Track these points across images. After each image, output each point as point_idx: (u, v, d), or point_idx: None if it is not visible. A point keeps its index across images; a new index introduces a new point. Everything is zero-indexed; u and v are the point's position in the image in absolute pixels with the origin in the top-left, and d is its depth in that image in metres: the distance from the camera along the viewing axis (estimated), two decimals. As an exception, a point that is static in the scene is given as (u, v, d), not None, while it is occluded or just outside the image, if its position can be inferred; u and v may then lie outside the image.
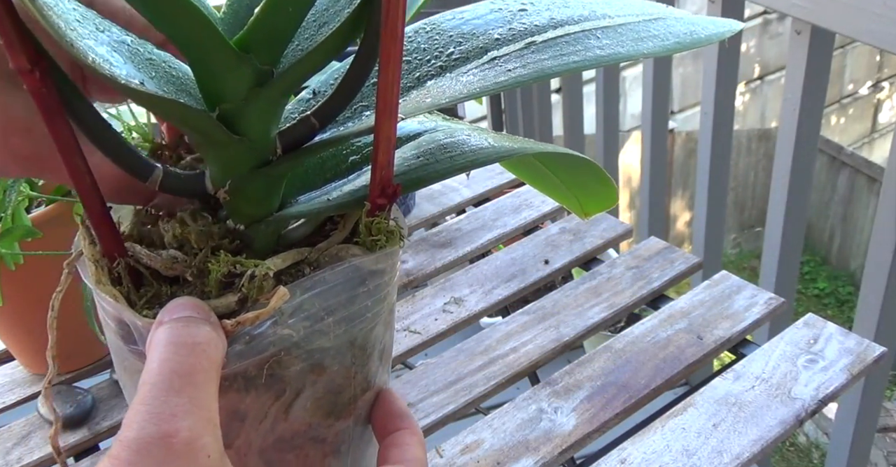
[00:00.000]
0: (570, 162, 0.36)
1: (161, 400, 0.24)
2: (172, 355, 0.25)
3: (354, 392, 0.31)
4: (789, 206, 1.14)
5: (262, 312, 0.26)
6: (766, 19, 4.70)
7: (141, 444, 0.23)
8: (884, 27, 0.89)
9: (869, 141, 5.46)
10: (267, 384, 0.28)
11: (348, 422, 0.31)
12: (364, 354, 0.30)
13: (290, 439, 0.29)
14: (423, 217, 0.87)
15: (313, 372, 0.29)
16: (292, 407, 0.29)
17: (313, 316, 0.28)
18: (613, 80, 1.60)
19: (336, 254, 0.30)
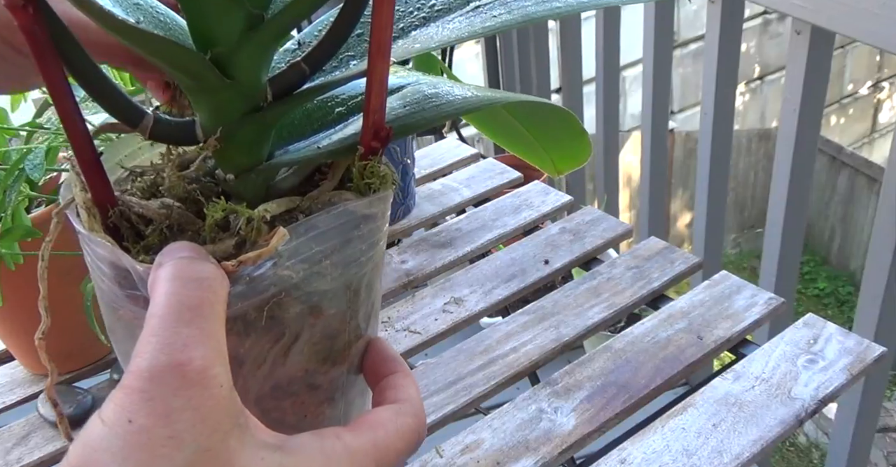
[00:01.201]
0: (545, 114, 0.36)
1: (172, 331, 0.24)
2: (180, 288, 0.25)
3: (349, 337, 0.31)
4: (789, 206, 1.14)
5: (263, 251, 0.26)
6: (766, 19, 4.70)
7: (154, 373, 0.23)
8: (884, 27, 0.89)
9: (869, 141, 5.45)
10: (266, 327, 0.28)
11: (342, 369, 0.31)
12: (358, 299, 0.31)
13: (286, 386, 0.30)
14: (423, 217, 0.87)
15: (312, 314, 0.29)
16: (290, 352, 0.29)
17: (311, 258, 0.28)
18: (613, 80, 1.60)
19: (328, 200, 0.30)
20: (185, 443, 0.23)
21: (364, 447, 0.27)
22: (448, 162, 0.97)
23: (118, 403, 0.23)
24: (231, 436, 0.24)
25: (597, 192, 1.75)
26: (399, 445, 0.28)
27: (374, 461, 0.27)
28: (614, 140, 1.68)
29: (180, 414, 0.23)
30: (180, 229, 0.29)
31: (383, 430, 0.28)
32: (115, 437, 0.22)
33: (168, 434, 0.22)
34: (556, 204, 0.87)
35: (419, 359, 0.77)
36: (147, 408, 0.23)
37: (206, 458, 0.23)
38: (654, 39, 1.36)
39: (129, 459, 0.22)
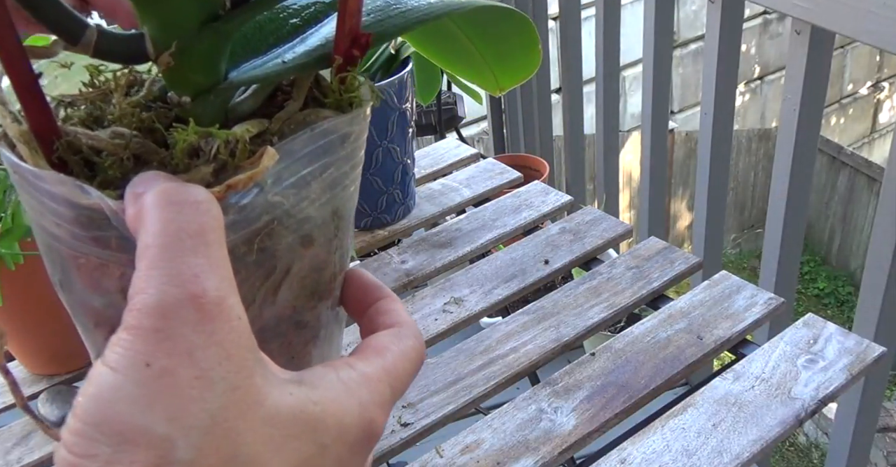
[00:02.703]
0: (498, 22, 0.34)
1: (178, 261, 0.21)
2: (176, 214, 0.22)
3: (334, 269, 0.29)
4: (789, 206, 1.14)
5: (255, 172, 0.24)
6: (766, 19, 4.70)
7: (166, 309, 0.21)
8: (884, 27, 0.89)
9: (869, 141, 5.45)
10: (257, 261, 0.26)
11: (327, 304, 0.30)
12: (344, 225, 0.29)
13: (274, 326, 0.28)
14: (423, 217, 0.87)
15: (302, 244, 0.27)
16: (281, 288, 0.27)
17: (299, 182, 0.26)
18: (613, 79, 1.60)
19: (303, 120, 0.27)
20: (215, 382, 0.21)
21: (377, 372, 0.26)
22: (448, 162, 0.97)
23: (128, 347, 0.21)
24: (256, 373, 0.22)
25: (597, 192, 1.75)
26: (407, 367, 0.27)
27: (389, 385, 0.26)
28: (614, 140, 1.68)
29: (204, 351, 0.21)
30: (142, 161, 0.25)
31: (390, 355, 0.27)
32: (134, 384, 0.20)
33: (195, 374, 0.20)
34: (556, 204, 0.87)
35: (419, 359, 0.77)
36: (165, 348, 0.20)
37: (238, 397, 0.21)
38: (654, 39, 1.36)
39: (154, 406, 0.20)
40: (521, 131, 1.97)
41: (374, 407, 0.25)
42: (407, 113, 0.79)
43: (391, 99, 0.76)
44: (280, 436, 0.22)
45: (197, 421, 0.20)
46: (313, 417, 0.23)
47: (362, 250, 0.83)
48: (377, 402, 0.25)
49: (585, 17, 1.69)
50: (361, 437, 0.24)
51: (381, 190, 0.82)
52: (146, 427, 0.20)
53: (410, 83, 0.79)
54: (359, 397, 0.25)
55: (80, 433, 0.20)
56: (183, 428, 0.20)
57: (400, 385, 0.27)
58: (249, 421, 0.21)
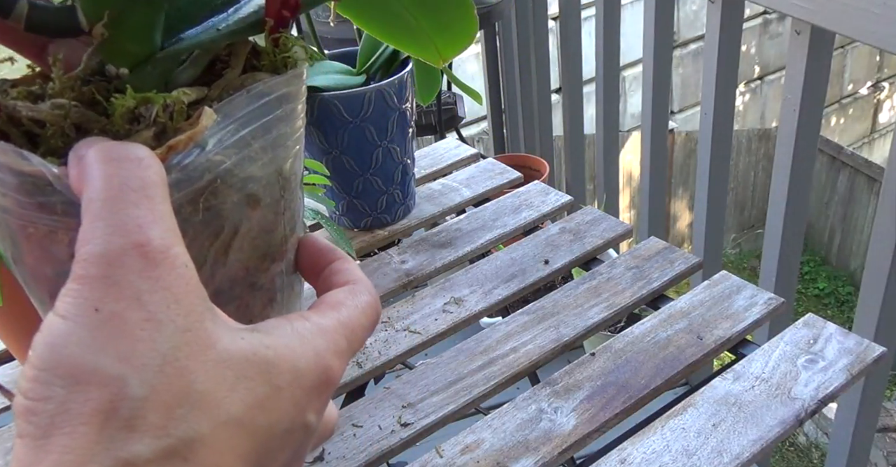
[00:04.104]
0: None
1: (122, 213, 0.22)
2: (117, 169, 0.22)
3: (284, 231, 0.30)
4: (789, 206, 1.14)
5: (195, 132, 0.24)
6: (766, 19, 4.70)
7: (111, 257, 0.21)
8: (884, 27, 0.89)
9: (869, 141, 5.46)
10: (204, 221, 0.26)
11: (281, 266, 0.30)
12: (290, 186, 0.30)
13: (228, 289, 0.28)
14: (423, 217, 0.87)
15: (249, 204, 0.27)
16: (231, 248, 0.27)
17: (239, 142, 0.26)
18: (613, 79, 1.60)
19: (241, 84, 0.28)
20: (164, 324, 0.21)
21: (332, 324, 0.26)
22: (448, 162, 0.97)
23: (75, 295, 0.21)
24: (206, 318, 0.22)
25: (597, 192, 1.75)
26: (363, 321, 0.28)
27: (345, 337, 0.26)
28: (614, 140, 1.68)
29: (151, 295, 0.21)
30: (84, 130, 0.26)
31: (346, 309, 0.27)
32: (84, 329, 0.21)
33: (143, 317, 0.21)
34: (556, 204, 0.87)
35: (419, 359, 0.77)
36: (113, 293, 0.21)
37: (188, 340, 0.22)
38: (654, 39, 1.36)
39: (105, 348, 0.20)
40: (521, 131, 1.97)
41: (329, 355, 0.25)
42: (407, 113, 0.79)
43: (391, 99, 0.76)
44: (233, 377, 0.22)
45: (148, 360, 0.21)
46: (266, 360, 0.23)
47: (362, 250, 0.83)
48: (332, 351, 0.25)
49: (585, 17, 1.69)
50: (317, 383, 0.25)
51: (381, 190, 0.82)
52: (98, 367, 0.20)
53: (410, 83, 0.79)
54: (314, 345, 0.25)
55: (34, 378, 0.21)
56: (134, 367, 0.20)
57: (356, 338, 0.27)
58: (201, 361, 0.22)
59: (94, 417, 0.20)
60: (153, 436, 0.20)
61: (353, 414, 0.63)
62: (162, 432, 0.20)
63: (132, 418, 0.20)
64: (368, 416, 0.62)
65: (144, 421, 0.20)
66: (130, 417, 0.20)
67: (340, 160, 0.78)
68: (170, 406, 0.21)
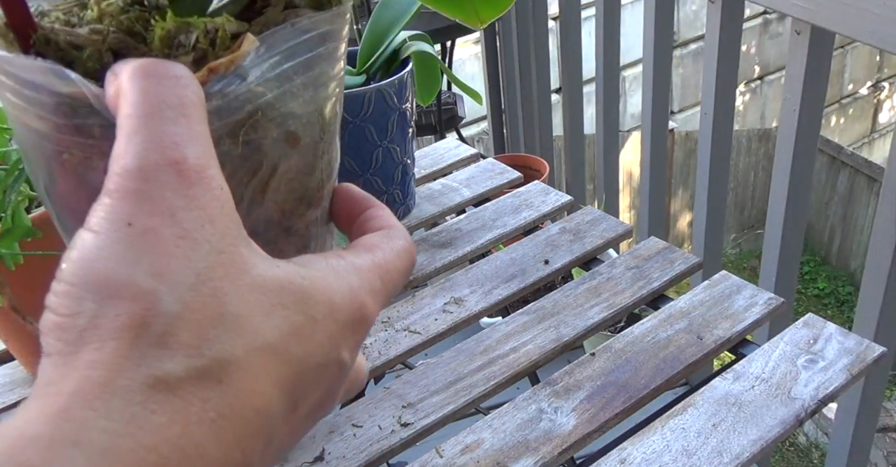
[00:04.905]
0: None
1: (158, 129, 0.21)
2: (156, 86, 0.22)
3: (321, 175, 0.29)
4: (789, 206, 1.14)
5: (236, 55, 0.24)
6: (766, 19, 4.70)
7: (147, 172, 0.20)
8: (884, 27, 0.89)
9: (869, 141, 5.46)
10: (243, 155, 0.26)
11: (316, 213, 0.30)
12: (329, 129, 0.29)
13: (263, 231, 0.28)
14: (423, 217, 0.87)
15: (288, 142, 0.27)
16: (268, 187, 0.27)
17: (281, 75, 0.26)
18: (613, 79, 1.60)
19: (283, 19, 0.27)
20: (199, 243, 0.21)
21: (367, 264, 0.26)
22: (448, 162, 0.97)
23: (108, 209, 0.20)
24: (240, 242, 0.22)
25: (597, 192, 1.75)
26: (398, 265, 0.27)
27: (380, 278, 0.26)
28: (614, 140, 1.68)
29: (185, 213, 0.21)
30: (121, 56, 0.25)
31: (380, 251, 0.27)
32: (116, 242, 0.20)
33: (178, 233, 0.20)
34: (556, 204, 0.87)
35: (419, 359, 0.77)
36: (147, 208, 0.20)
37: (223, 261, 0.21)
38: (654, 39, 1.36)
39: (139, 262, 0.20)
40: (521, 131, 1.97)
41: (364, 293, 0.25)
42: (407, 113, 0.79)
43: (391, 99, 0.76)
44: (269, 303, 0.22)
45: (182, 278, 0.20)
46: (302, 289, 0.23)
47: (362, 250, 0.83)
48: (367, 289, 0.25)
49: (585, 17, 1.69)
50: (352, 319, 0.24)
51: (381, 190, 0.82)
52: (130, 281, 0.20)
53: (410, 83, 0.79)
54: (348, 281, 0.24)
55: (64, 293, 0.20)
56: (168, 283, 0.20)
57: (391, 281, 0.26)
58: (236, 285, 0.21)
59: (126, 332, 0.19)
60: (186, 355, 0.20)
61: (353, 414, 0.63)
62: (195, 352, 0.20)
63: (164, 335, 0.20)
64: (368, 416, 0.62)
65: (177, 340, 0.20)
66: (163, 334, 0.20)
67: (340, 160, 0.78)
68: (203, 326, 0.20)
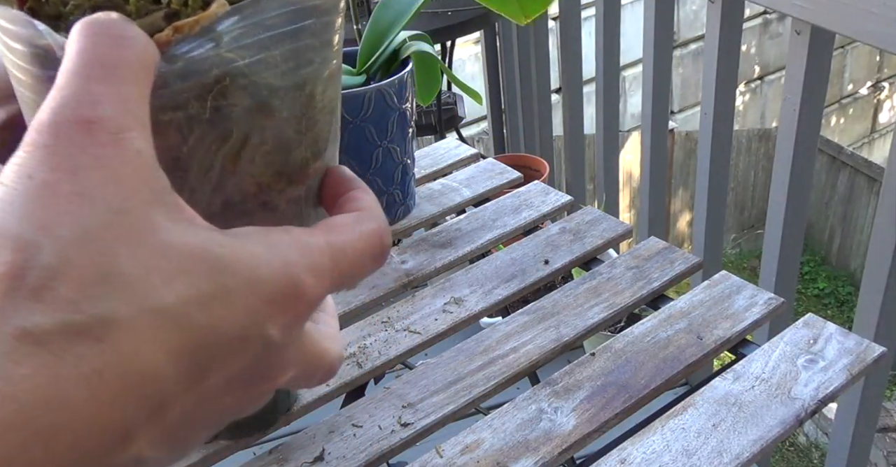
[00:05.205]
0: None
1: (81, 86, 0.21)
2: (92, 45, 0.22)
3: (306, 154, 0.29)
4: (789, 206, 1.14)
5: (202, 16, 0.24)
6: (766, 19, 4.70)
7: (57, 128, 0.21)
8: (884, 27, 0.89)
9: (869, 141, 5.46)
10: (211, 121, 0.25)
11: (299, 191, 0.29)
12: (314, 106, 0.28)
13: (239, 203, 0.27)
14: (423, 217, 0.87)
15: (261, 112, 0.26)
16: (240, 157, 0.27)
17: (258, 44, 0.26)
18: (613, 79, 1.60)
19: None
20: (96, 201, 0.20)
21: (317, 243, 0.24)
22: (448, 162, 0.97)
23: (18, 162, 0.21)
24: (152, 206, 0.21)
25: (597, 192, 1.76)
26: (359, 245, 0.26)
27: (330, 258, 0.24)
28: (614, 140, 1.68)
29: (88, 171, 0.21)
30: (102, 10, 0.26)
31: (341, 232, 0.26)
32: (15, 194, 0.20)
33: (75, 190, 0.20)
34: (556, 204, 0.87)
35: (419, 359, 0.77)
36: (50, 163, 0.20)
37: (121, 221, 0.21)
38: (654, 39, 1.36)
39: (30, 216, 0.20)
40: (521, 131, 1.97)
41: (303, 271, 0.23)
42: (407, 113, 0.79)
43: (391, 99, 0.76)
44: (172, 268, 0.21)
45: (67, 232, 0.20)
46: (214, 257, 0.22)
47: (362, 250, 0.83)
48: (308, 266, 0.24)
49: (585, 17, 1.69)
50: (281, 295, 0.23)
51: (381, 190, 0.82)
52: (17, 232, 0.20)
53: (410, 83, 0.79)
54: (285, 256, 0.23)
55: None
56: (52, 237, 0.20)
57: (347, 264, 0.25)
58: (133, 246, 0.21)
59: (1, 282, 0.19)
60: (61, 310, 0.19)
61: (353, 414, 0.63)
62: (72, 307, 0.19)
63: (40, 288, 0.19)
64: (368, 416, 0.62)
65: (54, 294, 0.19)
66: (38, 287, 0.19)
67: (340, 160, 0.78)
68: (85, 282, 0.20)
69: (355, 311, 0.74)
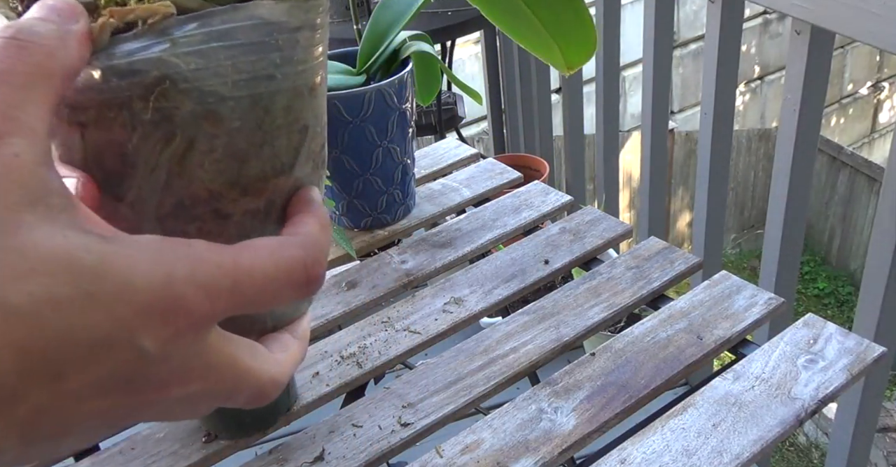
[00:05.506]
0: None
1: None
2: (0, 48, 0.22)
3: (264, 168, 0.28)
4: (789, 206, 1.14)
5: (134, 8, 0.24)
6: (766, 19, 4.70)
7: None
8: (884, 27, 0.89)
9: (869, 141, 5.46)
10: (154, 121, 0.26)
11: (258, 204, 0.29)
12: (273, 123, 0.28)
13: (190, 206, 0.27)
14: (423, 217, 0.87)
15: (207, 120, 0.26)
16: (186, 160, 0.27)
17: (210, 52, 0.26)
18: (613, 79, 1.60)
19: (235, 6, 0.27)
20: None
21: (220, 260, 0.23)
22: (448, 162, 0.97)
23: None
24: (25, 208, 0.21)
25: (597, 192, 1.76)
26: (270, 271, 0.24)
27: (231, 278, 0.23)
28: (614, 140, 1.68)
29: None
30: None
31: (255, 253, 0.24)
32: None
33: None
34: (556, 204, 0.87)
35: (419, 359, 0.77)
36: None
37: None
38: (654, 39, 1.36)
39: None
40: (521, 131, 1.97)
41: (187, 284, 0.22)
42: (407, 113, 0.79)
43: (391, 99, 0.76)
44: (26, 268, 0.21)
45: None
46: (79, 262, 0.21)
47: (362, 250, 0.83)
48: (200, 284, 0.23)
49: (585, 17, 1.69)
50: (156, 307, 0.22)
51: (381, 190, 0.82)
52: None
53: (410, 83, 0.79)
54: (170, 267, 0.22)
55: None
56: None
57: (252, 288, 0.24)
58: None
59: None
60: None
61: (353, 414, 0.63)
62: None
63: None
64: (368, 416, 0.62)
65: None
66: None
67: (340, 160, 0.78)
68: None
69: (355, 311, 0.74)
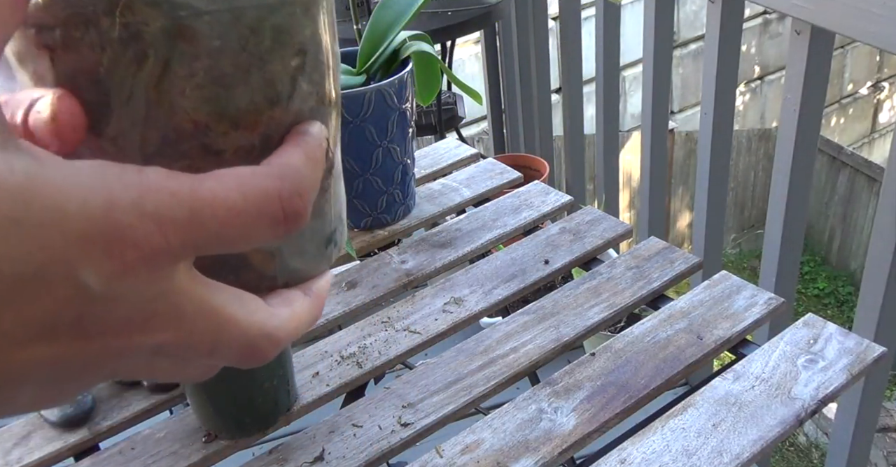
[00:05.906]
0: None
1: None
2: None
3: (254, 97, 0.26)
4: (789, 206, 1.14)
5: None
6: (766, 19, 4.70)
7: None
8: (884, 27, 0.89)
9: (869, 141, 5.46)
10: (122, 40, 0.24)
11: (252, 140, 0.26)
12: (261, 45, 0.26)
13: (174, 141, 0.25)
14: (423, 217, 0.87)
15: (181, 37, 0.24)
16: (164, 86, 0.24)
17: None
18: (613, 79, 1.60)
19: None
20: None
21: (174, 188, 0.21)
22: (448, 162, 0.97)
23: None
24: None
25: (597, 192, 1.76)
26: (238, 203, 0.22)
27: (188, 208, 0.21)
28: (614, 140, 1.68)
29: None
30: None
31: (219, 181, 0.22)
32: None
33: None
34: (556, 204, 0.87)
35: (419, 359, 0.77)
36: None
37: None
38: (654, 39, 1.36)
39: None
40: (521, 131, 1.97)
41: (133, 213, 0.20)
42: (407, 113, 0.79)
43: (391, 99, 0.76)
44: None
45: None
46: (4, 187, 0.19)
47: (362, 250, 0.83)
48: (149, 213, 0.20)
49: (585, 17, 1.69)
50: (95, 235, 0.20)
51: (381, 190, 0.82)
52: None
53: (410, 83, 0.79)
54: (111, 193, 0.20)
55: None
56: None
57: (214, 221, 0.21)
58: None
59: None
60: None
61: (353, 414, 0.63)
62: None
63: None
64: (368, 416, 0.62)
65: None
66: None
67: (340, 160, 0.78)
68: None
69: (355, 311, 0.74)
